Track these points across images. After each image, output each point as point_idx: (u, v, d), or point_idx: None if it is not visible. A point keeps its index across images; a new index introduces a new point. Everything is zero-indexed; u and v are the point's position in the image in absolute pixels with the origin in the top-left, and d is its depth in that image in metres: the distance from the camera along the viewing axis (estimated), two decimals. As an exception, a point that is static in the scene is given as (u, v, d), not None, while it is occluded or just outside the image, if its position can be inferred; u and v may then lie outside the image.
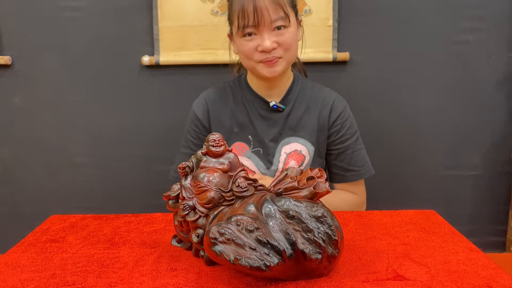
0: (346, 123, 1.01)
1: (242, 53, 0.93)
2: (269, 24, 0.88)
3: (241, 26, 0.89)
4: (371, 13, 1.32)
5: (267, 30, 0.89)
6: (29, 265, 0.59)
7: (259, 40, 0.89)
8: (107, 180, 1.43)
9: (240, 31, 0.90)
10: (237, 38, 0.93)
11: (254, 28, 0.89)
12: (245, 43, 0.91)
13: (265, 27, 0.88)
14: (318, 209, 0.53)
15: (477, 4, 1.30)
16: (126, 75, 1.37)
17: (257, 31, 0.89)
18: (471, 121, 1.38)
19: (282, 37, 0.90)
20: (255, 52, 0.91)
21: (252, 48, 0.90)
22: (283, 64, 0.93)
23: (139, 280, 0.54)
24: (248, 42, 0.90)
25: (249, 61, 0.93)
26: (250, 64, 0.94)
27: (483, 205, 1.43)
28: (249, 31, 0.90)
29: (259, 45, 0.89)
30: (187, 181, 0.59)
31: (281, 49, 0.91)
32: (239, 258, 0.48)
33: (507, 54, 1.32)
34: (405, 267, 0.57)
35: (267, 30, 0.89)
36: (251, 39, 0.90)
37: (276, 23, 0.89)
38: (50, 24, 1.33)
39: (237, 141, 1.02)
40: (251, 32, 0.90)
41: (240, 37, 0.92)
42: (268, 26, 0.89)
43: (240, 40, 0.92)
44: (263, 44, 0.89)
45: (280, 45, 0.90)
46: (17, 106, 1.39)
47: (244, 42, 0.91)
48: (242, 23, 0.89)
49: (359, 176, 1.02)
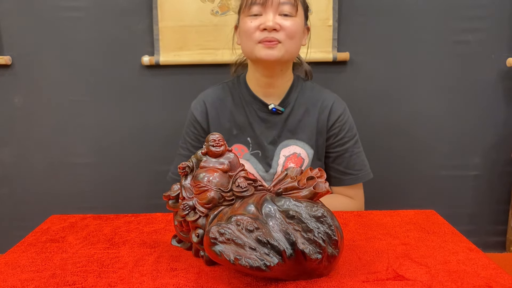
0: (345, 126, 1.01)
1: (244, 32, 0.94)
2: (276, 5, 0.90)
3: (249, 3, 0.91)
4: (371, 13, 1.32)
5: (273, 11, 0.90)
6: (29, 265, 0.60)
7: (263, 19, 0.91)
8: (107, 180, 1.43)
9: (247, 8, 0.92)
10: (243, 17, 0.94)
11: (261, 7, 0.91)
12: (248, 21, 0.92)
13: (272, 7, 0.90)
14: (318, 209, 0.53)
15: (477, 4, 1.30)
16: (126, 75, 1.37)
17: (263, 10, 0.91)
18: (471, 121, 1.38)
19: (286, 22, 0.91)
20: (256, 30, 0.91)
21: (254, 26, 0.91)
22: (282, 50, 0.92)
23: (139, 280, 0.55)
24: (252, 21, 0.92)
25: (249, 42, 0.93)
26: (250, 45, 0.93)
27: (483, 205, 1.43)
28: (255, 11, 0.91)
29: (262, 24, 0.90)
30: (187, 181, 0.59)
31: (283, 34, 0.91)
32: (239, 258, 0.48)
33: (507, 54, 1.32)
34: (405, 267, 0.57)
35: (273, 11, 0.90)
36: (255, 18, 0.92)
37: (283, 7, 0.90)
38: (50, 24, 1.33)
39: (236, 143, 1.01)
40: (257, 13, 0.91)
41: (245, 16, 0.93)
42: (275, 7, 0.90)
43: (245, 19, 0.93)
44: (266, 22, 0.90)
45: (282, 29, 0.91)
46: (17, 106, 1.39)
47: (248, 21, 0.92)
48: (250, 0, 0.91)
49: (357, 179, 1.02)
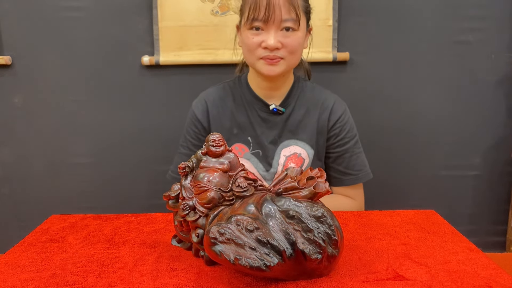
0: (345, 127, 1.01)
1: (246, 46, 0.93)
2: (278, 22, 0.88)
3: (251, 18, 0.89)
4: (371, 13, 1.32)
5: (275, 28, 0.89)
6: (29, 265, 0.59)
7: (265, 36, 0.89)
8: (107, 180, 1.43)
9: (248, 23, 0.90)
10: (244, 29, 0.93)
11: (263, 23, 0.89)
12: (250, 36, 0.91)
13: (274, 25, 0.88)
14: (318, 209, 0.53)
15: (477, 4, 1.30)
16: (126, 75, 1.37)
17: (265, 26, 0.89)
18: (471, 121, 1.38)
19: (288, 39, 0.90)
20: (258, 47, 0.90)
21: (256, 43, 0.90)
22: (283, 66, 0.92)
23: (139, 280, 0.54)
24: (253, 36, 0.90)
25: (251, 56, 0.93)
26: (251, 59, 0.94)
27: (483, 205, 1.43)
28: (257, 25, 0.89)
29: (264, 41, 0.89)
30: (187, 181, 0.59)
31: (285, 51, 0.90)
32: (239, 258, 0.48)
33: (507, 54, 1.32)
34: (405, 267, 0.57)
35: (275, 28, 0.89)
36: (257, 34, 0.90)
37: (285, 23, 0.89)
38: (50, 24, 1.33)
39: (236, 142, 1.01)
40: (259, 26, 0.90)
41: (247, 29, 0.92)
42: (277, 24, 0.88)
43: (246, 32, 0.92)
44: (267, 41, 0.89)
45: (284, 46, 0.90)
46: (17, 106, 1.39)
47: (250, 35, 0.91)
48: (252, 15, 0.88)
49: (357, 180, 1.02)
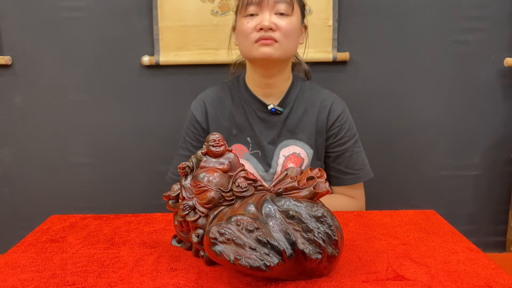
0: (344, 126, 1.01)
1: (242, 32, 0.95)
2: (272, 4, 0.91)
3: (245, 4, 0.93)
4: (371, 13, 1.32)
5: (269, 10, 0.92)
6: (29, 265, 0.59)
7: (259, 19, 0.92)
8: (107, 180, 1.43)
9: (243, 9, 0.93)
10: (240, 18, 0.95)
11: (257, 6, 0.92)
12: (245, 22, 0.93)
13: (268, 7, 0.92)
14: (318, 209, 0.53)
15: (477, 4, 1.30)
16: (126, 75, 1.37)
17: (259, 10, 0.92)
18: (471, 121, 1.38)
19: (282, 22, 0.92)
20: (253, 31, 0.92)
21: (251, 27, 0.92)
22: (278, 50, 0.92)
23: (139, 280, 0.54)
24: (248, 21, 0.93)
25: (246, 42, 0.94)
26: (247, 46, 0.94)
27: (483, 205, 1.43)
28: (251, 11, 0.92)
29: (258, 24, 0.92)
30: (187, 181, 0.59)
31: (279, 34, 0.92)
32: (239, 258, 0.48)
33: (507, 54, 1.32)
34: (405, 267, 0.57)
35: (269, 10, 0.92)
36: (252, 19, 0.93)
37: (278, 6, 0.92)
38: (50, 24, 1.33)
39: (235, 143, 1.01)
40: (253, 13, 0.93)
41: (242, 17, 0.94)
42: (271, 6, 0.92)
43: (242, 20, 0.95)
44: (262, 22, 0.91)
45: (278, 28, 0.92)
46: (17, 106, 1.39)
47: (245, 21, 0.94)
48: (247, 0, 0.92)
49: (357, 179, 1.02)
